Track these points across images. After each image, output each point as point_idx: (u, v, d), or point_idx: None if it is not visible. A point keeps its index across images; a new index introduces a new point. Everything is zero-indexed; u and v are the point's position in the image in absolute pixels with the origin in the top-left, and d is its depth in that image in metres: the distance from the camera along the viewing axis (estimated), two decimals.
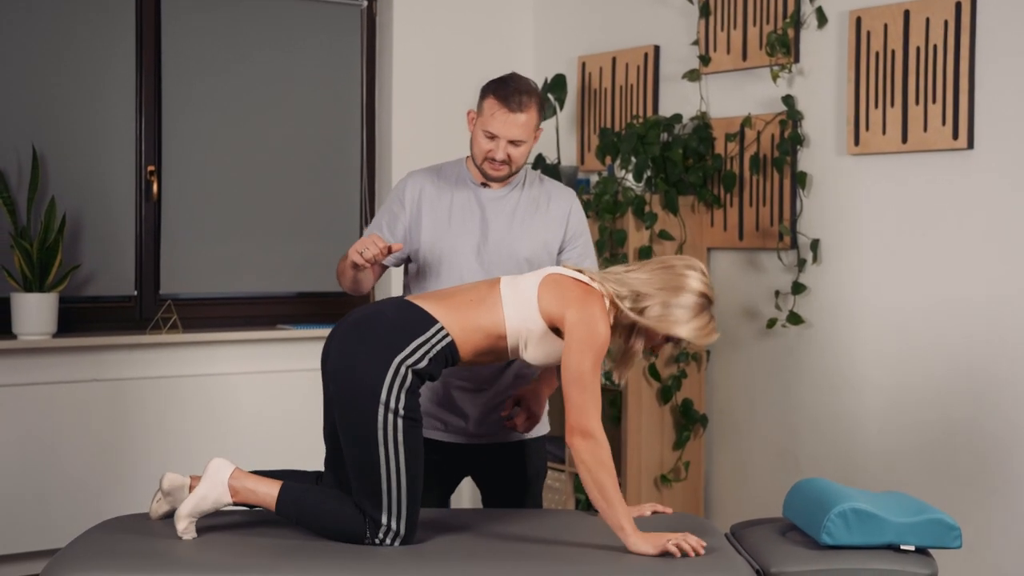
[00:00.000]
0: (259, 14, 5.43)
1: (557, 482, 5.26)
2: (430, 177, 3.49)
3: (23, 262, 4.74)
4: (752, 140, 4.87)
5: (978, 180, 4.19)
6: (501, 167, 3.38)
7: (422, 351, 2.94)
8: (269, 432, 5.21)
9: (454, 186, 3.46)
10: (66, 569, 2.76)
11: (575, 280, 3.02)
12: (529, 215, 3.44)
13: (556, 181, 3.59)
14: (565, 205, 3.50)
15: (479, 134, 3.37)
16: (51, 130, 4.98)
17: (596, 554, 2.90)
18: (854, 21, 4.51)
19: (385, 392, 2.88)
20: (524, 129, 3.34)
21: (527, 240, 3.42)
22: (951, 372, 4.28)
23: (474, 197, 3.45)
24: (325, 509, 2.95)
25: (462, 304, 3.02)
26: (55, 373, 4.85)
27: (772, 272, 4.84)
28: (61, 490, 4.85)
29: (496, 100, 3.34)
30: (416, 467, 2.93)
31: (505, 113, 3.32)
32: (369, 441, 2.89)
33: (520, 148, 3.37)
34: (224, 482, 2.96)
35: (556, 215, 3.47)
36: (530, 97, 3.35)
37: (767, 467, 4.84)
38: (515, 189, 3.47)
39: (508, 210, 3.44)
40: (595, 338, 2.93)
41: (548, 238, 3.46)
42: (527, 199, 3.46)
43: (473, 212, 3.43)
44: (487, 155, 3.36)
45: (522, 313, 2.99)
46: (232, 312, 5.41)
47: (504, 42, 5.87)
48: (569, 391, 2.91)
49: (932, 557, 2.99)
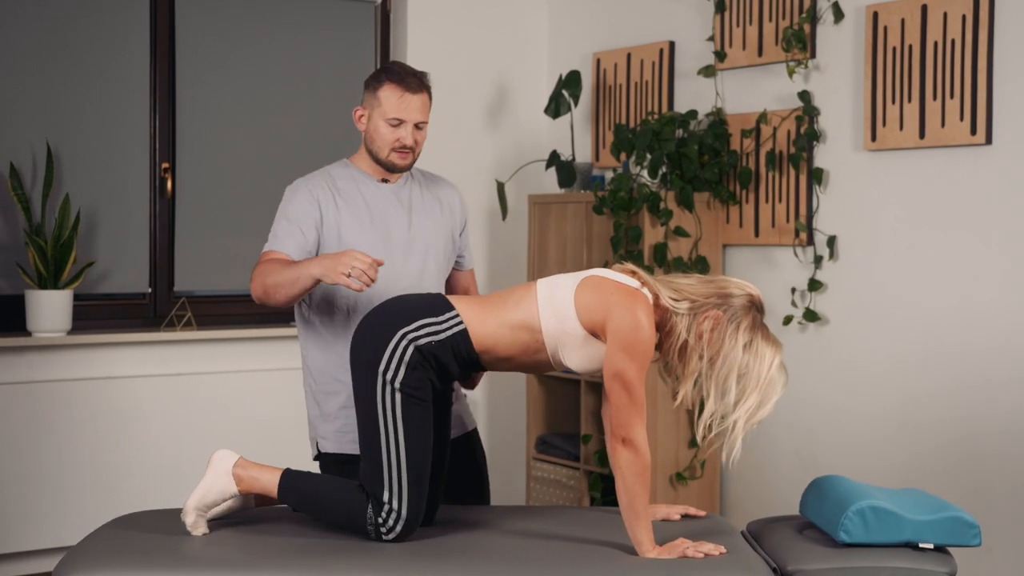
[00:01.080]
0: (273, 11, 5.43)
1: (572, 480, 5.24)
2: (326, 180, 3.33)
3: (37, 259, 4.74)
4: (768, 136, 4.85)
5: (996, 176, 4.16)
6: (408, 155, 3.30)
7: (428, 330, 2.90)
8: (284, 429, 5.19)
9: (357, 185, 3.34)
10: (79, 566, 2.75)
11: (616, 282, 2.94)
12: (429, 206, 3.40)
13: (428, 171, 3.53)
14: (452, 192, 3.48)
15: (380, 125, 3.28)
16: (65, 127, 4.99)
17: (613, 552, 2.89)
18: (871, 16, 4.48)
19: (384, 364, 2.87)
20: (425, 110, 3.29)
21: (434, 231, 3.38)
22: (969, 369, 4.25)
23: (380, 194, 3.34)
24: (326, 494, 2.95)
25: (487, 301, 3.00)
26: (69, 370, 4.85)
27: (788, 269, 4.82)
28: (75, 487, 4.85)
29: (395, 84, 3.28)
30: (419, 445, 2.90)
31: (407, 95, 3.26)
32: (371, 416, 2.89)
33: (422, 131, 3.32)
34: (228, 471, 2.96)
35: (448, 203, 3.44)
36: (424, 77, 3.32)
37: (783, 464, 4.82)
38: (407, 181, 3.41)
39: (411, 204, 3.37)
40: (640, 341, 2.84)
41: (451, 227, 3.44)
42: (420, 190, 3.41)
43: (380, 211, 3.32)
44: (395, 145, 3.28)
45: (559, 315, 2.92)
46: (246, 309, 5.40)
47: (518, 38, 5.86)
48: (613, 396, 2.85)
49: (951, 555, 2.97)
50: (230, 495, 2.96)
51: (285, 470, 3.00)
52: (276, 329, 5.26)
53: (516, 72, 5.88)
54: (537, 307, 2.94)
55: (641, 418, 2.85)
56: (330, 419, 3.31)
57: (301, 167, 5.46)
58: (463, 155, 5.60)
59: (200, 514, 2.94)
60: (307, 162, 5.48)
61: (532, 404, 5.49)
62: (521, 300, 2.96)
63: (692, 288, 2.93)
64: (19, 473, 4.76)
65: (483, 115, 5.77)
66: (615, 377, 2.84)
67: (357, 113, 3.36)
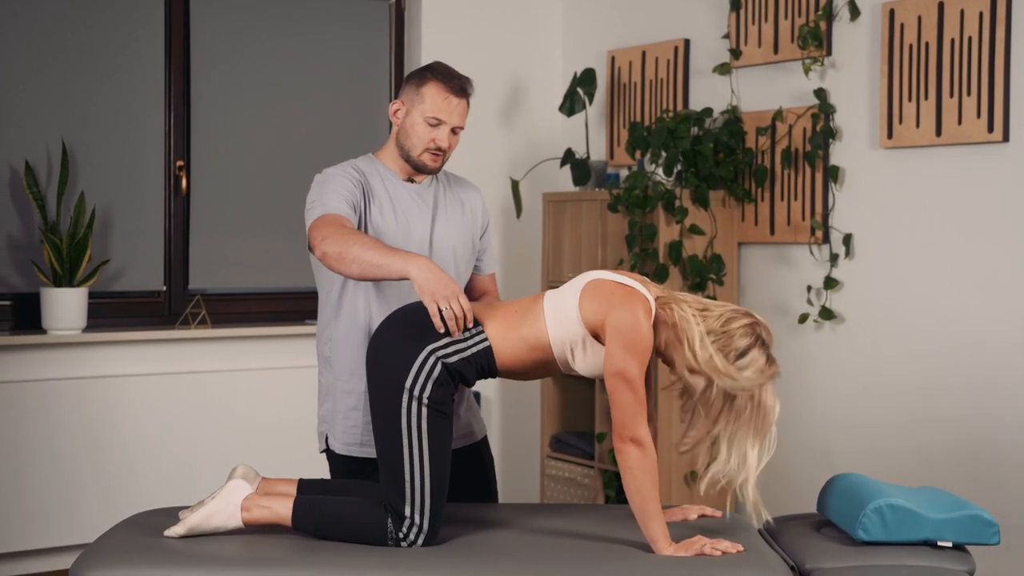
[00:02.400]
0: (288, 9, 5.43)
1: (587, 479, 5.24)
2: (355, 170, 3.24)
3: (53, 257, 4.75)
4: (784, 134, 4.83)
5: (1014, 173, 4.15)
6: (440, 157, 3.24)
7: (456, 347, 2.90)
8: (298, 428, 5.19)
9: (383, 180, 3.28)
10: (94, 564, 2.75)
11: (615, 282, 2.94)
12: (452, 208, 3.34)
13: (452, 172, 3.46)
14: (476, 196, 3.42)
15: (418, 123, 3.21)
16: (80, 125, 4.99)
17: (630, 551, 2.88)
18: (887, 13, 4.46)
19: (411, 379, 2.85)
20: (464, 115, 3.25)
21: (458, 232, 3.32)
22: (986, 366, 4.23)
23: (406, 193, 3.28)
24: (342, 515, 2.90)
25: (506, 315, 2.98)
26: (84, 368, 4.85)
27: (804, 267, 4.80)
28: (90, 485, 4.85)
29: (441, 84, 3.21)
30: (442, 460, 2.88)
31: (452, 97, 3.21)
32: (394, 430, 2.86)
33: (457, 136, 3.26)
34: (236, 504, 2.91)
35: (470, 205, 3.38)
36: (468, 83, 3.26)
37: (799, 463, 4.80)
38: (432, 183, 3.34)
39: (440, 204, 3.32)
40: (640, 339, 2.85)
41: (473, 229, 3.38)
42: (444, 192, 3.35)
43: (408, 209, 3.27)
44: (429, 145, 3.21)
45: (565, 324, 2.92)
46: (261, 307, 5.41)
47: (533, 36, 5.85)
48: (615, 394, 2.84)
49: (970, 554, 2.95)
50: (231, 528, 2.91)
51: (296, 499, 2.93)
52: (290, 327, 5.26)
53: (531, 70, 5.87)
54: (544, 321, 2.94)
55: (644, 415, 2.85)
56: (339, 418, 3.26)
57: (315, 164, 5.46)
58: (478, 153, 5.59)
59: (191, 533, 2.89)
60: (321, 159, 5.48)
61: (546, 403, 5.48)
62: (529, 313, 2.96)
63: (691, 297, 2.97)
64: (33, 471, 4.76)
65: (498, 113, 5.77)
66: (618, 376, 2.84)
67: (394, 107, 3.27)
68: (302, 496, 2.96)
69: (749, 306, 5.01)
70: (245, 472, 3.01)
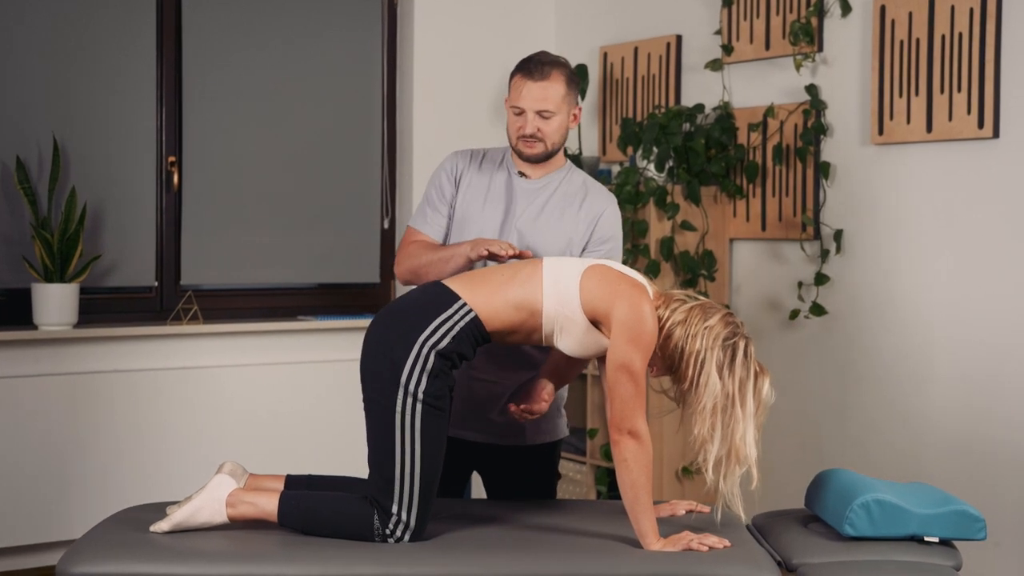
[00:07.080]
0: (280, 6, 5.42)
1: (579, 474, 5.24)
2: (473, 158, 3.43)
3: (44, 252, 4.74)
4: (775, 130, 4.84)
5: (1004, 169, 4.15)
6: (533, 143, 3.28)
7: (444, 328, 2.87)
8: (289, 424, 5.20)
9: (494, 170, 3.39)
10: (82, 559, 2.75)
11: (621, 273, 2.94)
12: (559, 211, 3.34)
13: (601, 185, 3.46)
14: (600, 207, 3.37)
15: (508, 113, 3.33)
16: (72, 120, 4.99)
17: (618, 545, 2.88)
18: (878, 9, 4.47)
19: (405, 375, 2.84)
20: (549, 98, 3.25)
21: (550, 235, 3.31)
22: (975, 362, 4.24)
23: (509, 184, 3.37)
24: (328, 510, 2.90)
25: (491, 281, 2.95)
26: (75, 364, 4.85)
27: (795, 263, 4.81)
28: (80, 481, 4.85)
29: (519, 73, 3.30)
30: (433, 457, 2.87)
31: (528, 83, 3.25)
32: (386, 426, 2.85)
33: (550, 122, 3.27)
34: (222, 499, 2.90)
35: (587, 214, 3.35)
36: (552, 67, 3.27)
37: (788, 458, 4.81)
38: (552, 183, 3.37)
39: (539, 203, 3.34)
40: (646, 333, 2.86)
41: (573, 237, 3.33)
42: (561, 195, 3.36)
43: (502, 199, 3.35)
44: (518, 132, 3.30)
45: (562, 299, 2.91)
46: (252, 303, 5.41)
47: (526, 32, 5.85)
48: (617, 386, 2.85)
49: (956, 549, 2.96)
50: (217, 523, 2.91)
51: (282, 495, 2.92)
52: (282, 323, 5.26)
53: None
54: (542, 289, 2.93)
55: (644, 409, 2.86)
56: None
57: (307, 161, 5.50)
58: None
59: (177, 529, 2.89)
60: (312, 156, 5.51)
61: None
62: (527, 280, 2.94)
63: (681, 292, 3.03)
64: (25, 466, 4.76)
65: (490, 109, 5.76)
66: (622, 368, 2.84)
67: (505, 102, 3.39)
68: (288, 492, 2.95)
69: (741, 302, 5.01)
70: (232, 468, 3.01)
